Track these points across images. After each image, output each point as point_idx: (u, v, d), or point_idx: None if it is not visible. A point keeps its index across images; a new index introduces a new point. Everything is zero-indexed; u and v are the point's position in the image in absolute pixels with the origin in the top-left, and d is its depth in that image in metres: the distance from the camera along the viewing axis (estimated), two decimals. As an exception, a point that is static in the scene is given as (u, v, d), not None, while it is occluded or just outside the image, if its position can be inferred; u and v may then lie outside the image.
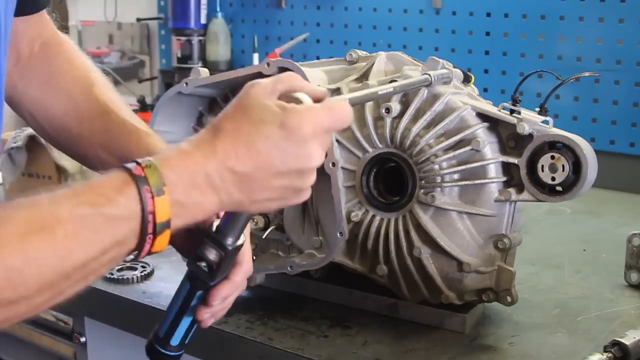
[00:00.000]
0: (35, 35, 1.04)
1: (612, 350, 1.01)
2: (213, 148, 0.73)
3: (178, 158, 0.73)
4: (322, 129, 0.77)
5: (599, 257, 1.46)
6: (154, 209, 0.70)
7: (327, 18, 2.42)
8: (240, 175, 0.74)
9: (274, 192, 0.77)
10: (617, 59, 1.92)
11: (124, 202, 0.69)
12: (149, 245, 0.71)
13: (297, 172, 0.76)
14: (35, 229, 0.66)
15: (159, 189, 0.70)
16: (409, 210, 1.12)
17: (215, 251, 0.84)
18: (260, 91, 0.77)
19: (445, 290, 1.12)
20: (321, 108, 0.77)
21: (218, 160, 0.73)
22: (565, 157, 1.05)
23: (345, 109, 0.80)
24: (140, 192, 0.70)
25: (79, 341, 1.45)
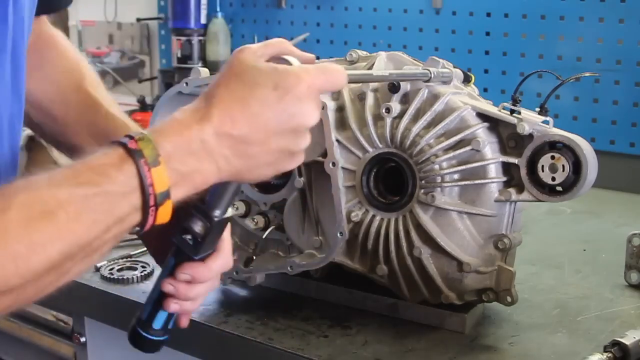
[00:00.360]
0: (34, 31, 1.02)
1: (612, 350, 1.01)
2: (208, 114, 0.73)
3: (172, 127, 0.73)
4: (316, 88, 0.77)
5: (599, 257, 1.46)
6: (152, 180, 0.70)
7: (327, 18, 2.42)
8: (236, 139, 0.74)
9: (271, 155, 0.77)
10: (617, 59, 1.92)
11: (123, 178, 0.69)
12: (152, 218, 0.71)
13: (292, 132, 0.77)
14: (38, 213, 0.66)
15: (155, 160, 0.70)
16: (409, 210, 1.12)
17: (201, 222, 0.83)
18: (250, 55, 0.77)
19: (445, 290, 1.12)
20: (315, 68, 0.78)
21: (213, 126, 0.73)
22: (565, 157, 1.05)
23: (339, 70, 0.80)
24: (137, 165, 0.70)
25: (79, 341, 1.45)
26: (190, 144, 0.72)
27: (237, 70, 0.76)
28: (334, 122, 1.13)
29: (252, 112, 0.74)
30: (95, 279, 1.33)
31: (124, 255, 1.42)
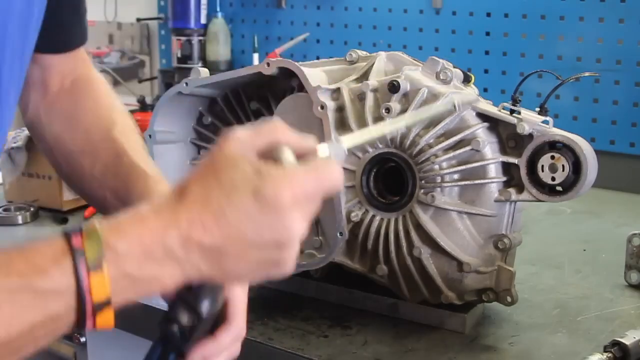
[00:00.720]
0: (67, 71, 1.02)
1: (612, 350, 1.01)
2: (175, 216, 0.63)
3: (132, 225, 0.64)
4: (304, 196, 0.65)
5: (599, 257, 1.46)
6: (90, 286, 0.61)
7: (327, 18, 2.42)
8: (208, 248, 0.64)
9: (250, 265, 0.66)
10: (617, 59, 1.92)
11: (58, 275, 0.61)
12: (90, 323, 0.63)
13: (274, 245, 0.65)
14: None
15: (96, 263, 0.62)
16: (409, 210, 1.12)
17: (187, 315, 0.72)
18: (237, 147, 0.65)
19: (445, 290, 1.12)
20: (304, 171, 0.65)
21: (180, 231, 0.63)
22: (565, 157, 1.05)
23: (334, 171, 0.67)
24: (76, 265, 0.61)
25: (79, 341, 1.45)
26: (150, 248, 0.63)
27: (218, 165, 0.65)
28: (334, 122, 1.13)
29: (227, 221, 0.63)
30: (95, 279, 1.33)
31: (124, 255, 1.42)
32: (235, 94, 1.26)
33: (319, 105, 1.12)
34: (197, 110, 1.30)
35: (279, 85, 1.22)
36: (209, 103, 1.30)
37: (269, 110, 1.23)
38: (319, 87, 1.12)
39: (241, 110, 1.26)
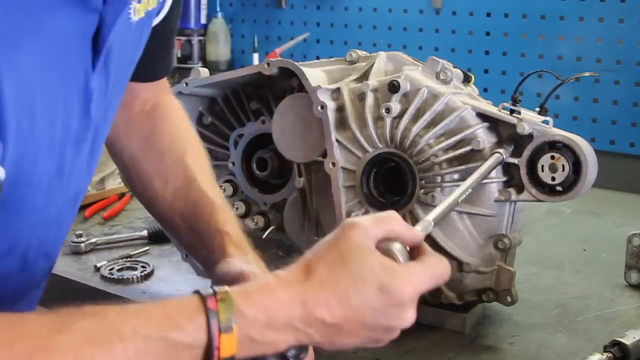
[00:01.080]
0: (149, 97, 1.08)
1: (612, 350, 1.01)
2: (302, 293, 0.71)
3: (261, 295, 0.71)
4: (421, 291, 0.75)
5: (599, 257, 1.45)
6: (220, 344, 0.68)
7: (327, 18, 2.42)
8: (327, 325, 0.71)
9: (357, 340, 0.74)
10: (617, 59, 1.92)
11: (192, 331, 0.67)
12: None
13: (386, 329, 0.74)
14: (95, 341, 0.64)
15: (228, 326, 0.68)
16: (409, 210, 1.12)
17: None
18: (361, 236, 0.74)
19: (445, 290, 1.12)
20: (422, 270, 0.75)
21: (306, 309, 0.71)
22: (565, 157, 1.05)
23: (445, 267, 0.78)
24: (209, 325, 0.68)
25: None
26: (275, 319, 0.70)
27: (344, 252, 0.73)
28: (334, 122, 1.13)
29: (351, 306, 0.71)
30: (95, 279, 1.33)
31: (124, 255, 1.42)
32: (235, 94, 1.26)
33: (319, 105, 1.12)
34: (197, 110, 1.30)
35: (279, 85, 1.22)
36: (209, 103, 1.30)
37: (269, 110, 1.23)
38: (319, 87, 1.12)
39: (241, 110, 1.26)
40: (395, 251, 0.76)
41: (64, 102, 0.74)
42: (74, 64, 0.74)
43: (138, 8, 0.82)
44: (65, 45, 0.72)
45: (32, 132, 0.70)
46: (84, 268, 1.38)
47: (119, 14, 0.76)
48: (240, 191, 1.28)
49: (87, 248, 1.44)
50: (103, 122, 0.85)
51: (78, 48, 0.74)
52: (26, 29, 0.66)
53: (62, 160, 0.78)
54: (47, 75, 0.70)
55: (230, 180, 1.28)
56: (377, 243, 0.76)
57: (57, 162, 0.77)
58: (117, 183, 1.73)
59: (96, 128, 0.83)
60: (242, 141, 1.26)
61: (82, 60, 0.75)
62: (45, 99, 0.71)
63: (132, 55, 0.89)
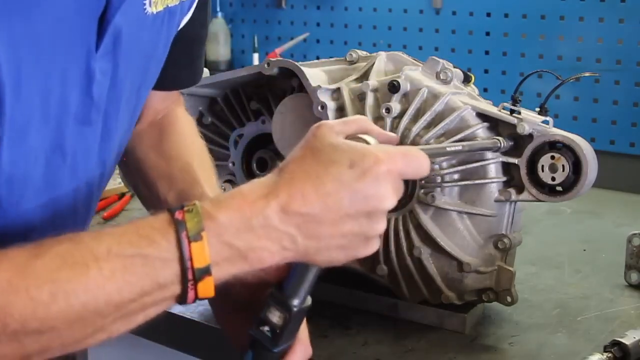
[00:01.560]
0: (162, 108, 1.06)
1: (612, 350, 1.01)
2: (276, 189, 0.69)
3: (233, 199, 0.69)
4: (396, 171, 0.71)
5: (599, 257, 1.45)
6: (191, 254, 0.67)
7: (327, 18, 2.42)
8: (305, 217, 0.69)
9: (342, 239, 0.71)
10: (617, 59, 1.92)
11: (165, 244, 0.67)
12: (192, 292, 0.68)
13: (367, 215, 0.71)
14: (69, 263, 0.64)
15: (197, 234, 0.67)
16: (409, 210, 1.12)
17: (279, 313, 0.78)
18: (327, 131, 0.73)
19: (445, 290, 1.12)
20: (397, 151, 0.72)
21: (280, 202, 0.68)
22: (565, 157, 1.05)
23: (422, 157, 0.74)
24: (178, 236, 0.67)
25: (79, 341, 1.45)
26: (250, 219, 0.68)
27: (313, 146, 0.72)
28: (334, 122, 1.13)
29: (325, 191, 0.69)
30: (95, 279, 1.33)
31: (124, 255, 1.42)
32: (235, 94, 1.26)
33: (319, 105, 1.12)
34: (197, 110, 1.30)
35: (279, 85, 1.22)
36: (209, 103, 1.30)
37: (269, 110, 1.23)
38: (319, 87, 1.13)
39: (241, 110, 1.26)
40: (366, 138, 0.74)
41: (60, 77, 0.71)
42: (75, 41, 0.71)
43: (155, 0, 0.79)
44: (65, 21, 0.69)
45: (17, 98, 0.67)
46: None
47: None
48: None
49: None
50: (115, 110, 0.82)
51: (81, 26, 0.71)
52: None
53: (61, 137, 0.75)
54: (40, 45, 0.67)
55: (230, 180, 1.28)
56: (348, 138, 0.74)
57: (55, 137, 0.74)
58: (117, 183, 1.73)
59: (105, 113, 0.80)
60: (242, 141, 1.26)
61: (85, 40, 0.72)
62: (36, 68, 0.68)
63: (150, 49, 0.86)
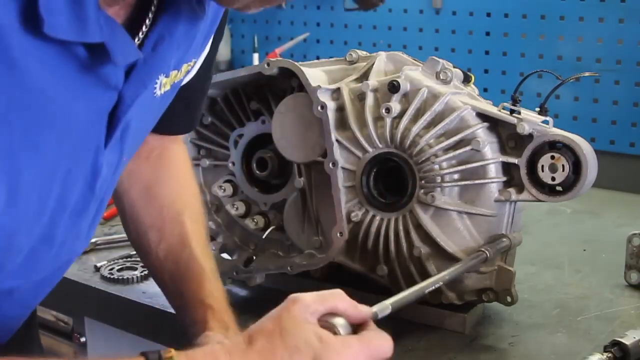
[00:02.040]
0: (157, 145, 1.07)
1: (612, 350, 1.01)
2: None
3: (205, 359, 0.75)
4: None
5: (599, 257, 1.46)
6: None
7: (327, 18, 2.42)
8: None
9: None
10: (617, 59, 1.92)
11: None
12: None
13: None
14: None
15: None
16: (409, 210, 1.12)
17: None
18: (302, 311, 0.76)
19: (445, 290, 1.12)
20: (359, 344, 0.76)
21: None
22: (565, 157, 1.05)
23: (385, 344, 0.78)
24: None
25: (79, 341, 1.45)
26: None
27: (284, 324, 0.76)
28: (334, 122, 1.13)
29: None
30: (95, 279, 1.33)
31: (124, 255, 1.42)
32: (235, 94, 1.26)
33: (319, 105, 1.12)
34: (197, 110, 1.30)
35: (279, 85, 1.22)
36: (209, 103, 1.30)
37: (269, 110, 1.23)
38: (319, 87, 1.13)
39: (241, 110, 1.26)
40: (336, 325, 0.77)
41: (63, 177, 0.72)
42: (83, 142, 0.72)
43: (164, 82, 0.79)
44: (74, 125, 0.69)
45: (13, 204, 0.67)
46: (84, 268, 1.38)
47: (139, 94, 0.74)
48: (240, 191, 1.28)
49: (87, 248, 1.45)
50: (109, 193, 0.83)
51: (91, 125, 0.72)
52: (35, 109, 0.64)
53: (53, 231, 0.76)
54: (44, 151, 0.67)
55: (230, 180, 1.28)
56: (320, 317, 0.77)
57: (46, 232, 0.75)
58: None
59: (101, 200, 0.81)
60: (242, 141, 1.26)
61: (94, 137, 0.73)
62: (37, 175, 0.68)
63: (152, 124, 0.87)
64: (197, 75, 0.97)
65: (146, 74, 0.74)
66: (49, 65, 0.63)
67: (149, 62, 0.74)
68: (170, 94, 0.86)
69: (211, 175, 1.30)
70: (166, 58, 0.76)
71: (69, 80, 0.66)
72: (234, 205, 1.26)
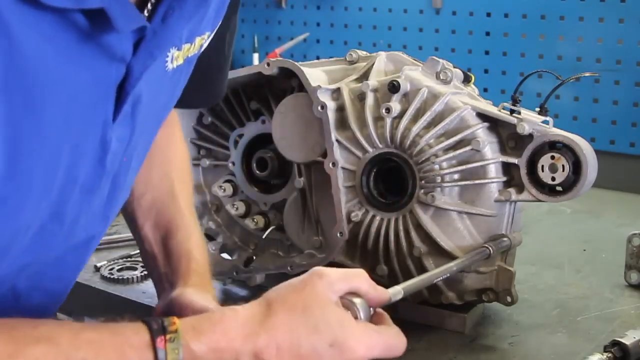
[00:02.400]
0: None
1: (612, 350, 1.01)
2: (256, 336, 0.72)
3: (213, 333, 0.72)
4: (373, 355, 0.75)
5: (599, 257, 1.45)
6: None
7: (327, 18, 2.42)
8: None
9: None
10: (617, 59, 1.92)
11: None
12: None
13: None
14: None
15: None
16: (409, 210, 1.12)
17: None
18: (326, 288, 0.75)
19: (445, 290, 1.12)
20: (378, 335, 0.76)
21: (255, 349, 0.72)
22: (565, 157, 1.05)
23: (400, 342, 0.78)
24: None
25: (79, 341, 1.45)
26: (224, 355, 0.71)
27: (307, 300, 0.74)
28: (334, 122, 1.13)
29: (298, 353, 0.72)
30: (95, 279, 1.33)
31: (124, 255, 1.42)
32: (235, 94, 1.26)
33: (319, 105, 1.12)
34: (197, 110, 1.30)
35: (279, 85, 1.22)
36: (209, 103, 1.30)
37: (269, 110, 1.23)
38: (319, 87, 1.13)
39: (241, 110, 1.26)
40: (357, 306, 0.77)
41: (70, 152, 0.69)
42: (89, 115, 0.70)
43: (177, 55, 0.77)
44: (79, 96, 0.67)
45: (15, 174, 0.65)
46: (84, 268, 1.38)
47: (148, 65, 0.71)
48: (240, 191, 1.28)
49: (87, 248, 1.44)
50: (125, 171, 0.81)
51: (97, 99, 0.69)
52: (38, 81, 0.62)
53: (63, 206, 0.74)
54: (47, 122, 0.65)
55: (230, 180, 1.28)
56: (342, 297, 0.77)
57: (55, 207, 0.73)
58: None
59: (115, 177, 0.79)
60: (242, 141, 1.26)
61: (102, 111, 0.71)
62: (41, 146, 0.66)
63: (166, 102, 0.85)
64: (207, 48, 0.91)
65: (155, 45, 0.71)
66: (47, 34, 0.61)
67: (159, 33, 0.71)
68: (185, 69, 0.83)
69: (211, 175, 1.30)
70: (177, 30, 0.74)
71: (69, 50, 0.64)
72: (234, 205, 1.26)
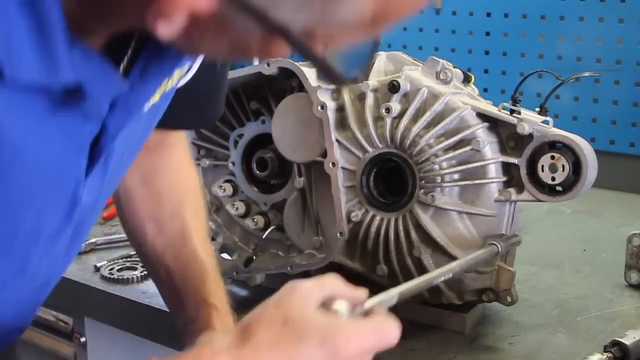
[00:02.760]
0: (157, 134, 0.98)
1: (612, 350, 1.01)
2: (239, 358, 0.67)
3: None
4: (367, 349, 0.71)
5: (599, 257, 1.45)
6: None
7: (327, 18, 2.42)
8: None
9: None
10: (617, 59, 1.92)
11: None
12: None
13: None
14: None
15: None
16: (409, 210, 1.12)
17: None
18: (301, 299, 0.70)
19: (445, 290, 1.12)
20: (368, 326, 0.71)
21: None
22: (565, 157, 1.05)
23: (392, 328, 0.73)
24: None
25: (79, 341, 1.45)
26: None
27: (285, 312, 0.69)
28: (334, 122, 1.13)
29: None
30: (95, 279, 1.33)
31: (124, 255, 1.42)
32: (235, 94, 1.26)
33: (319, 105, 1.12)
34: (197, 110, 1.30)
35: (279, 85, 1.22)
36: (209, 103, 1.30)
37: (269, 110, 1.23)
38: (319, 87, 1.13)
39: (241, 110, 1.26)
40: (339, 308, 0.73)
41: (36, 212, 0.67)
42: (61, 177, 0.66)
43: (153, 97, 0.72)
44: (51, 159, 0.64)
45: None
46: (84, 268, 1.38)
47: (124, 123, 0.67)
48: (240, 191, 1.28)
49: (87, 248, 1.45)
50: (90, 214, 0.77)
51: (69, 159, 0.66)
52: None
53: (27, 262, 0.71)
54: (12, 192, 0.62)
55: (230, 180, 1.28)
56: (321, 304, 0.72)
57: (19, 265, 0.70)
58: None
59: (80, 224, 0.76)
60: (242, 141, 1.26)
61: (74, 171, 0.67)
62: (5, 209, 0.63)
63: (140, 140, 0.82)
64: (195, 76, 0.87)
65: (133, 102, 0.68)
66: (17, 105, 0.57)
67: (136, 89, 0.66)
68: (162, 104, 0.79)
69: (211, 175, 1.30)
70: (156, 84, 0.69)
71: (42, 120, 0.60)
72: (234, 205, 1.26)
